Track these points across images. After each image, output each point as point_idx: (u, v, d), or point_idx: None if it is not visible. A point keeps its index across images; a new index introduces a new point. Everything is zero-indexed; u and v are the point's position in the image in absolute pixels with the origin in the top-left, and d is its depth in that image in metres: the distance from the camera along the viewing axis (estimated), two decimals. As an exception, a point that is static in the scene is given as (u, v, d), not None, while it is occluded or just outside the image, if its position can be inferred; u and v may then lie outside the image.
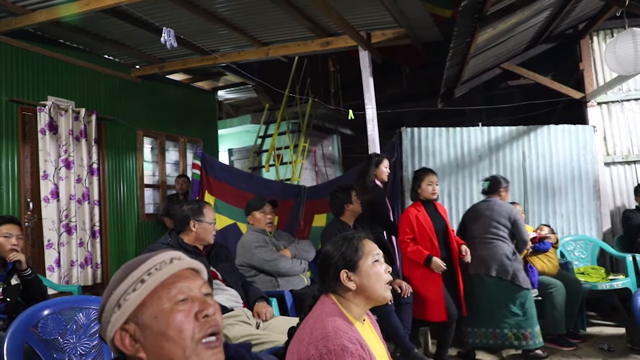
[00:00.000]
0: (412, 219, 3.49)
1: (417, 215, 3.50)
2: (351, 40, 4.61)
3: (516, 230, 3.71)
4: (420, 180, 3.57)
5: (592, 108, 5.60)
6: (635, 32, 3.68)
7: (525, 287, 3.59)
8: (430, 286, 3.41)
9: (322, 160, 8.68)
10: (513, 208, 3.83)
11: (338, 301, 1.58)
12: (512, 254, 3.64)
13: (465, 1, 3.34)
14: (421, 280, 3.45)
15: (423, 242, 3.44)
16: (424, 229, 3.46)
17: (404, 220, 3.56)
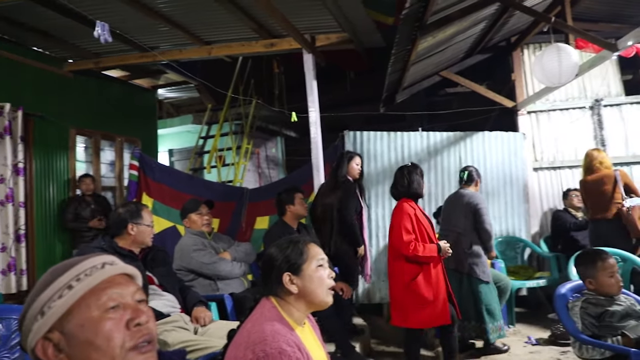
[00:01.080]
0: (412, 217, 3.17)
1: (416, 213, 3.21)
2: (295, 43, 4.61)
3: (477, 219, 3.79)
4: (421, 176, 3.32)
5: (522, 116, 5.94)
6: (560, 47, 3.93)
7: (484, 280, 3.74)
8: (439, 287, 3.15)
9: (266, 162, 8.63)
10: (478, 197, 3.91)
11: (279, 305, 1.57)
12: (468, 247, 3.75)
13: (406, 10, 3.44)
14: (426, 283, 3.12)
15: (422, 240, 3.16)
16: (423, 226, 3.19)
17: (403, 217, 3.16)
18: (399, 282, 3.18)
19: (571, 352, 2.57)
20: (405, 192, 3.26)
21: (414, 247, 3.07)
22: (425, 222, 3.22)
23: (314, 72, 4.65)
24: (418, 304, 3.10)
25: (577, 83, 5.86)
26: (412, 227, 3.12)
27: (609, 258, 2.46)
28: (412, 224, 3.13)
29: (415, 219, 3.16)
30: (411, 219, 3.14)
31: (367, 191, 4.99)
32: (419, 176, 3.29)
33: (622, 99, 5.88)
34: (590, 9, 5.55)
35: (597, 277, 2.44)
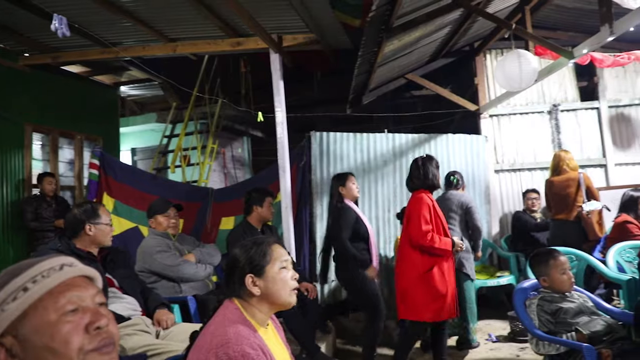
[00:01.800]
0: (430, 206, 3.17)
1: (433, 204, 3.22)
2: (262, 43, 4.58)
3: (469, 217, 3.98)
4: (436, 168, 3.31)
5: (484, 119, 6.11)
6: (520, 53, 4.06)
7: (471, 277, 3.83)
8: (451, 281, 3.18)
9: (232, 162, 8.53)
10: (469, 197, 4.19)
11: (242, 306, 1.55)
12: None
13: (372, 12, 3.47)
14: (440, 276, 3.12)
15: (438, 231, 3.16)
16: (439, 218, 3.20)
17: (422, 207, 3.14)
18: (412, 274, 3.14)
19: (529, 348, 2.65)
20: (421, 183, 3.26)
21: (431, 237, 3.06)
22: (442, 216, 3.23)
23: (280, 72, 4.63)
24: (430, 296, 3.08)
25: (536, 88, 6.07)
26: (430, 217, 3.12)
27: (561, 256, 2.58)
28: (430, 215, 3.13)
29: (433, 210, 3.16)
30: (430, 209, 3.14)
31: (333, 192, 5.01)
32: (434, 167, 3.28)
33: (578, 105, 6.13)
34: (549, 17, 5.76)
35: (550, 275, 2.55)
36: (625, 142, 6.04)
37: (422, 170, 3.25)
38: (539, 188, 5.80)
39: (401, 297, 3.24)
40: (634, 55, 4.99)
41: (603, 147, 5.98)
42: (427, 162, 3.29)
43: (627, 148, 6.02)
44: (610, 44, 4.59)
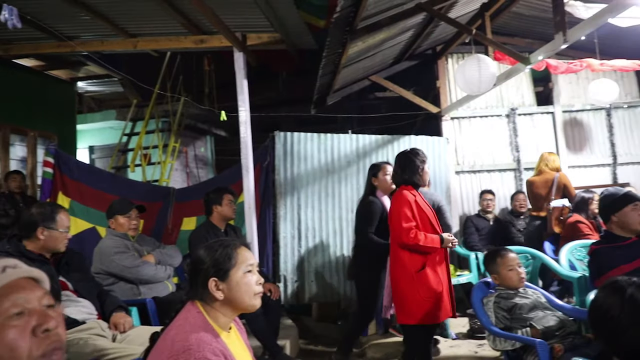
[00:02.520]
0: (412, 203, 2.96)
1: (416, 200, 3.00)
2: (226, 41, 4.52)
3: (440, 215, 3.89)
4: (421, 163, 3.08)
5: (446, 122, 6.25)
6: (480, 58, 4.18)
7: None
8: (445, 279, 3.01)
9: (194, 162, 8.39)
10: (438, 196, 4.30)
11: (204, 310, 1.51)
12: None
13: (337, 14, 3.49)
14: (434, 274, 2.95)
15: (425, 228, 2.97)
16: (425, 215, 2.99)
17: (402, 204, 2.96)
18: (405, 274, 2.96)
19: (487, 344, 2.72)
20: (401, 179, 3.07)
21: (414, 235, 2.88)
22: (428, 211, 3.01)
23: (244, 71, 4.58)
24: (425, 296, 2.90)
25: (495, 92, 6.25)
26: (411, 214, 2.92)
27: (509, 254, 2.70)
28: (411, 212, 2.93)
29: (416, 206, 2.96)
30: (411, 206, 2.93)
31: (297, 192, 5.01)
32: (417, 162, 3.05)
33: (534, 109, 6.36)
34: (508, 24, 5.95)
35: (499, 272, 2.66)
36: (577, 145, 6.32)
37: (401, 165, 3.11)
38: (497, 189, 6.00)
39: (397, 302, 3.07)
40: (586, 63, 5.22)
41: (557, 150, 6.22)
42: (408, 156, 3.08)
43: (579, 151, 6.30)
44: (564, 51, 4.80)
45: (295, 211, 4.99)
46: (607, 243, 2.70)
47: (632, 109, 6.40)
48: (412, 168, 3.05)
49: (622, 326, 1.31)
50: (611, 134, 6.30)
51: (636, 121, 6.38)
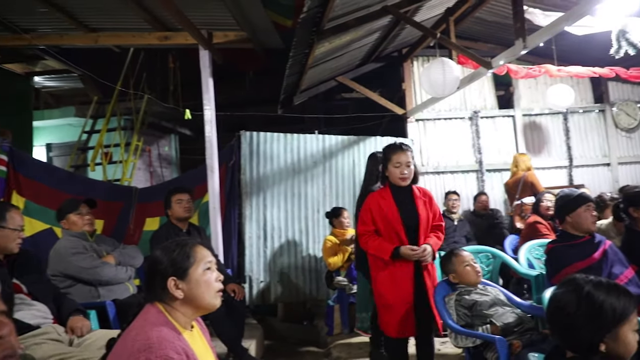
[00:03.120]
0: (373, 207, 2.78)
1: (381, 204, 2.77)
2: (191, 38, 4.44)
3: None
4: (387, 161, 2.79)
5: (411, 123, 6.35)
6: (444, 62, 4.26)
7: None
8: (403, 291, 2.72)
9: (158, 161, 8.21)
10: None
11: (165, 310, 1.49)
12: None
13: (304, 14, 3.49)
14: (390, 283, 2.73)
15: (388, 235, 2.74)
16: (389, 220, 2.74)
17: (363, 208, 2.85)
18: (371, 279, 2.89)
19: (449, 342, 2.78)
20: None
21: (364, 240, 2.77)
22: (395, 217, 2.72)
23: (210, 69, 4.51)
24: (380, 304, 2.81)
25: (459, 95, 6.40)
26: (371, 218, 2.76)
27: (462, 252, 2.82)
28: (371, 216, 2.77)
29: (378, 211, 2.75)
30: (371, 211, 2.77)
31: (263, 192, 4.98)
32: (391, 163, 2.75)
33: (496, 112, 6.54)
34: (471, 29, 6.10)
35: (456, 270, 2.75)
36: (536, 148, 6.54)
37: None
38: (460, 190, 6.14)
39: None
40: (544, 69, 5.41)
41: (517, 152, 6.42)
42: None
43: (538, 154, 6.51)
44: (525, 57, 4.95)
45: (261, 211, 4.96)
46: (562, 242, 2.79)
47: (586, 113, 6.68)
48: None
49: (578, 322, 1.36)
50: (567, 137, 6.56)
51: (590, 125, 6.67)
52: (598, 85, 6.74)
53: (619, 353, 1.35)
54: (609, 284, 1.40)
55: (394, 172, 2.74)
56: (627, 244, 2.88)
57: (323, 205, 5.23)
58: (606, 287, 1.38)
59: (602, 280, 1.41)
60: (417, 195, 2.81)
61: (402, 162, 2.72)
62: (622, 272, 2.57)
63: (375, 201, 2.80)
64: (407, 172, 2.73)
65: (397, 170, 2.73)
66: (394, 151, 2.76)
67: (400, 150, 2.76)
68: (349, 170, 5.44)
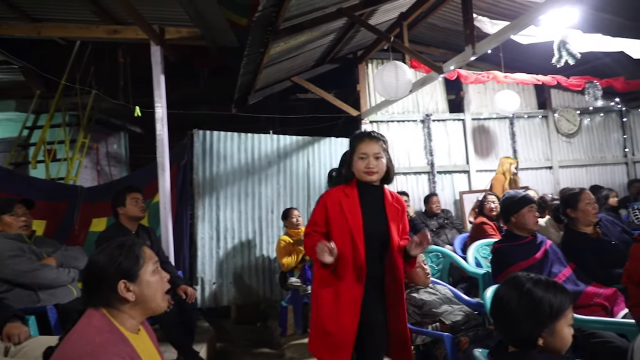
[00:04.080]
0: (331, 205, 2.24)
1: (342, 202, 2.22)
2: (142, 33, 4.31)
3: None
4: (352, 151, 2.29)
5: (365, 125, 6.43)
6: (397, 65, 4.34)
7: None
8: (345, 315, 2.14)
9: (106, 159, 7.90)
10: None
11: (109, 314, 1.44)
12: None
13: (259, 13, 3.46)
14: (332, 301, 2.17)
15: (341, 242, 2.15)
16: (346, 223, 2.18)
17: (317, 205, 2.32)
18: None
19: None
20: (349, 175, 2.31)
21: (307, 241, 2.22)
22: (355, 220, 2.18)
23: (162, 65, 4.39)
24: (313, 324, 2.26)
25: (411, 98, 6.54)
26: (324, 218, 2.24)
27: None
28: (324, 215, 2.24)
29: (334, 210, 2.22)
30: (326, 207, 2.24)
31: (216, 192, 4.90)
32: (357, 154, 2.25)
33: (447, 115, 6.74)
34: (424, 34, 6.25)
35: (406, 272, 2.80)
36: (484, 151, 6.78)
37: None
38: (412, 191, 6.28)
39: None
40: (492, 75, 5.63)
41: (467, 155, 6.65)
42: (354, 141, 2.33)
43: (486, 156, 6.76)
44: (474, 63, 5.13)
45: (214, 212, 4.88)
46: (507, 242, 2.91)
47: (531, 119, 7.00)
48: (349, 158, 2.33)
49: (518, 317, 1.43)
50: (513, 141, 6.85)
51: (534, 130, 7.00)
52: (542, 92, 7.08)
53: (556, 346, 1.43)
54: (548, 282, 1.47)
55: (358, 165, 2.23)
56: (566, 243, 3.04)
57: (277, 206, 5.21)
58: (545, 284, 1.46)
59: (542, 278, 1.49)
60: (389, 201, 2.28)
61: (369, 153, 2.20)
62: (561, 270, 2.71)
63: (335, 198, 2.25)
64: (375, 166, 2.20)
65: (362, 163, 2.21)
66: (360, 139, 2.27)
67: (367, 138, 2.25)
68: (304, 170, 5.45)
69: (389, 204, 2.28)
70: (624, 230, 3.62)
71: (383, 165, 2.25)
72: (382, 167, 2.24)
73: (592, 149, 7.16)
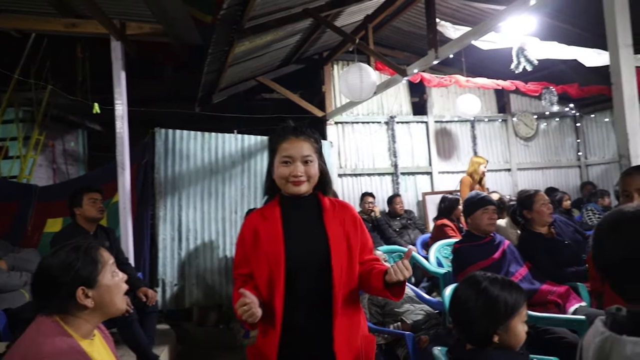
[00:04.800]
0: (246, 236, 1.64)
1: (257, 228, 1.62)
2: (102, 27, 4.17)
3: None
4: (273, 154, 1.68)
5: (330, 126, 6.46)
6: (362, 67, 4.38)
7: None
8: None
9: (63, 157, 7.62)
10: None
11: (62, 320, 1.38)
12: None
13: (223, 11, 3.41)
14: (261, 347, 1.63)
15: (261, 280, 1.58)
16: (266, 255, 1.57)
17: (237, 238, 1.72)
18: None
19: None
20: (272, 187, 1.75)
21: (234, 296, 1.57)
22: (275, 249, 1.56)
23: (122, 61, 4.27)
24: None
25: (376, 100, 6.62)
26: (242, 254, 1.65)
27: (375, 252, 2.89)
28: (243, 251, 1.64)
29: (251, 240, 1.62)
30: (244, 241, 1.64)
31: (178, 192, 4.80)
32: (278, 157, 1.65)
33: (411, 118, 6.85)
34: (389, 37, 6.33)
35: None
36: (447, 153, 6.94)
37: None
38: (376, 192, 6.35)
39: None
40: (454, 79, 5.77)
41: (430, 157, 6.78)
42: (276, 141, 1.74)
43: (448, 158, 6.92)
44: (437, 67, 5.26)
45: (176, 212, 4.78)
46: (467, 242, 2.98)
47: (491, 122, 7.21)
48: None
49: (475, 315, 1.46)
50: (474, 143, 7.04)
51: (494, 133, 7.21)
52: (501, 96, 7.31)
53: (510, 343, 1.47)
54: (504, 281, 1.52)
55: (281, 172, 1.62)
56: (522, 243, 3.14)
57: (241, 206, 5.15)
58: (501, 283, 1.50)
59: (498, 277, 1.53)
60: (330, 213, 1.64)
61: (295, 156, 1.61)
62: (517, 270, 2.80)
63: (251, 225, 1.64)
64: (303, 173, 1.61)
65: (286, 169, 1.61)
66: (282, 137, 1.66)
67: (292, 135, 1.65)
68: (269, 171, 5.41)
69: (329, 217, 1.62)
70: (576, 230, 3.79)
71: (315, 171, 1.64)
72: (313, 173, 1.63)
73: (548, 153, 7.44)
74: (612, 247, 0.98)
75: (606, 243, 0.99)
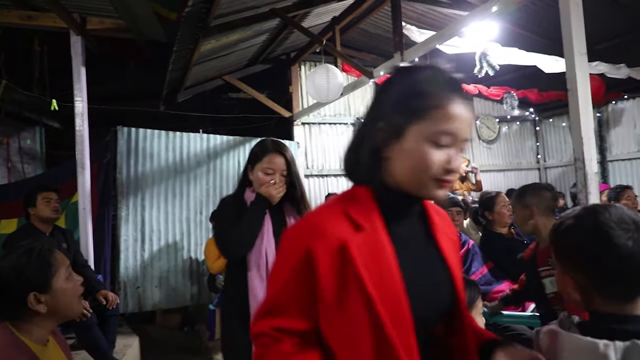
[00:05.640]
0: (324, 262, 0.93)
1: (351, 250, 0.93)
2: (61, 21, 4.03)
3: None
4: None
5: (297, 126, 6.46)
6: (329, 68, 4.40)
7: None
8: None
9: (18, 155, 7.30)
10: None
11: (13, 326, 1.33)
12: None
13: (188, 8, 3.36)
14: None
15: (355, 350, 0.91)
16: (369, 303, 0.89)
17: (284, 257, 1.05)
18: None
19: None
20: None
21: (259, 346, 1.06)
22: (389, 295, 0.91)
23: (82, 57, 4.14)
24: None
25: (343, 101, 6.65)
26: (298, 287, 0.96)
27: None
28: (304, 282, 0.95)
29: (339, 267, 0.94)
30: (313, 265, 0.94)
31: (141, 192, 4.70)
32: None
33: (377, 119, 6.91)
34: (356, 39, 6.38)
35: None
36: (411, 154, 7.03)
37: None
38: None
39: None
40: (420, 81, 5.85)
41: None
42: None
43: (413, 160, 7.02)
44: (402, 69, 5.31)
45: (139, 212, 4.68)
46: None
47: (455, 125, 7.36)
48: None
49: None
50: (439, 145, 7.17)
51: (458, 136, 7.37)
52: (464, 100, 7.47)
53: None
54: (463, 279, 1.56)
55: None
56: (484, 243, 3.23)
57: (206, 207, 5.08)
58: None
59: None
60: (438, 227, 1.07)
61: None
62: (478, 269, 2.88)
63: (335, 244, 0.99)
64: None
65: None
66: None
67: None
68: (234, 171, 5.36)
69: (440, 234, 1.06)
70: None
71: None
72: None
73: (509, 155, 7.67)
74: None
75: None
